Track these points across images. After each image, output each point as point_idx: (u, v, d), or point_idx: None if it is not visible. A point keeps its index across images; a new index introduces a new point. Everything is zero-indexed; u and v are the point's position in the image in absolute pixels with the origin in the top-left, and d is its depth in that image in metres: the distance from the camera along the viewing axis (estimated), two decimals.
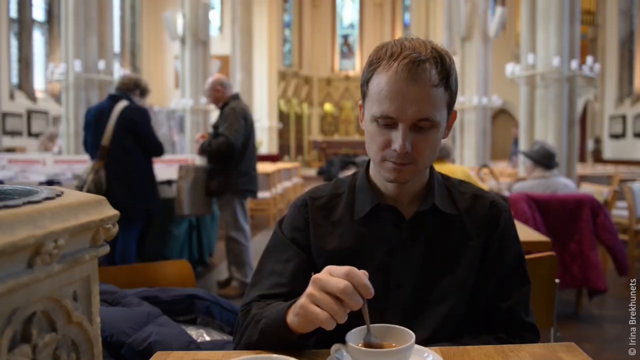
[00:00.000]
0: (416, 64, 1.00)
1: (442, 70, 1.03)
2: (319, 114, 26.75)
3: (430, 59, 1.01)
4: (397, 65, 1.01)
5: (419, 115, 1.02)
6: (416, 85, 1.00)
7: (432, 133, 1.06)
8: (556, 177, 4.37)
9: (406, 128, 1.02)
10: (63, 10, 9.18)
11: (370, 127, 1.09)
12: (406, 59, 1.00)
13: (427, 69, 1.01)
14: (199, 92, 11.95)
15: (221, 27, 23.21)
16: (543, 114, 8.32)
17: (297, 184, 12.03)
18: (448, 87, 1.05)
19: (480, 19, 12.47)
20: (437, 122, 1.05)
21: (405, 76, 1.00)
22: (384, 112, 1.03)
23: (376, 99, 1.04)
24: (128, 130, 4.10)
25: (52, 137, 10.44)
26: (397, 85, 1.01)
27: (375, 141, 1.08)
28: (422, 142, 1.05)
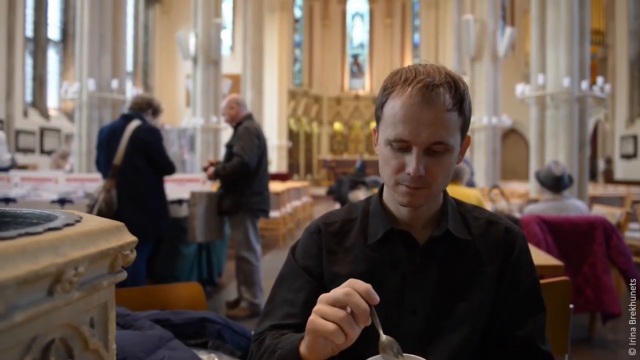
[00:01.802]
0: (430, 89, 1.01)
1: (456, 95, 1.03)
2: (328, 133, 26.85)
3: (444, 84, 1.02)
4: (411, 90, 1.02)
5: (433, 139, 1.02)
6: (430, 109, 1.01)
7: (445, 157, 1.06)
8: (568, 199, 4.34)
9: (420, 152, 1.03)
10: (78, 29, 9.33)
11: (384, 150, 1.09)
12: (420, 83, 1.01)
13: (441, 94, 1.01)
14: (210, 111, 12.04)
15: (232, 47, 23.48)
16: (554, 135, 8.29)
17: (307, 203, 12.02)
18: (462, 112, 1.05)
19: (490, 40, 12.52)
20: (451, 146, 1.05)
21: (419, 100, 1.01)
22: (398, 135, 1.03)
23: (390, 123, 1.05)
24: (140, 149, 4.13)
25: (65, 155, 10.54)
26: (411, 109, 1.01)
27: (389, 165, 1.08)
28: (436, 166, 1.05)
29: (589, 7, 8.66)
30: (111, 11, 9.17)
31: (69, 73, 16.82)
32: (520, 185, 12.73)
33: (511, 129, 19.07)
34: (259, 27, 17.94)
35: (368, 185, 8.55)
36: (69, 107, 15.85)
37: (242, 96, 4.75)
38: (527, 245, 1.19)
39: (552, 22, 8.41)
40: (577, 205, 4.36)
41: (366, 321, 0.86)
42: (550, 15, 8.49)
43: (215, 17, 13.02)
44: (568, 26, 8.22)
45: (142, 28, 22.94)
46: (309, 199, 12.85)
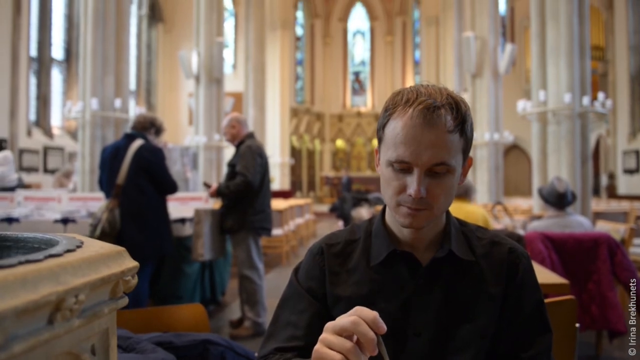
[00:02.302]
0: (431, 110, 1.01)
1: (458, 116, 1.03)
2: (330, 150, 26.91)
3: (445, 105, 1.02)
4: (412, 111, 1.02)
5: (434, 160, 1.02)
6: (431, 130, 1.01)
7: (447, 178, 1.05)
8: (571, 215, 4.32)
9: (421, 173, 1.02)
10: (81, 49, 9.41)
11: (385, 171, 1.09)
12: (421, 104, 1.01)
13: (443, 115, 1.01)
14: (212, 129, 12.08)
15: (235, 65, 23.63)
16: (556, 151, 8.29)
17: (310, 220, 12.01)
18: (463, 133, 1.05)
19: (490, 56, 12.58)
20: (453, 167, 1.05)
21: (420, 121, 1.01)
22: (399, 156, 1.03)
23: (392, 144, 1.05)
24: (143, 169, 4.14)
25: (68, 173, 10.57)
26: (412, 130, 1.01)
27: (390, 186, 1.07)
28: (437, 188, 1.05)
29: (588, 23, 8.71)
30: (114, 31, 9.26)
31: (73, 92, 16.94)
32: (523, 201, 12.70)
33: (513, 144, 19.09)
34: (260, 46, 18.08)
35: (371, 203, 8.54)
36: (73, 125, 15.94)
37: (243, 115, 4.76)
38: (532, 266, 1.18)
39: (552, 38, 8.46)
40: (581, 222, 4.34)
41: (373, 351, 0.84)
42: (550, 31, 8.54)
43: (217, 36, 13.13)
44: (568, 42, 8.26)
45: (145, 47, 23.12)
46: (312, 216, 12.84)
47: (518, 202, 12.27)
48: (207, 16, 13.27)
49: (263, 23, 18.60)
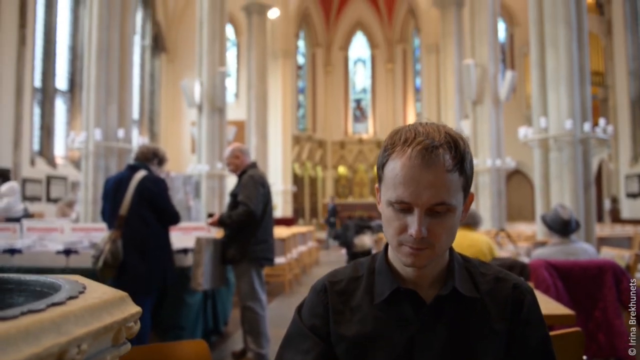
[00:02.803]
0: (430, 150, 1.01)
1: (456, 155, 1.03)
2: (332, 176, 26.97)
3: (443, 145, 1.03)
4: (411, 151, 1.02)
5: (434, 200, 1.02)
6: (430, 171, 1.01)
7: (448, 217, 1.05)
8: (576, 242, 4.29)
9: (422, 213, 1.02)
10: (85, 79, 9.51)
11: (386, 211, 1.09)
12: (420, 145, 1.02)
13: (441, 155, 1.02)
14: (215, 158, 12.13)
15: (237, 94, 23.85)
16: (558, 177, 8.29)
17: (312, 247, 11.96)
18: (463, 171, 1.05)
19: (491, 83, 12.67)
20: (453, 206, 1.05)
21: (419, 162, 1.01)
22: (399, 197, 1.03)
23: (391, 184, 1.05)
24: (145, 200, 4.15)
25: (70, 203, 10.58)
26: (411, 171, 1.02)
27: (391, 225, 1.07)
28: (439, 227, 1.04)
29: (587, 50, 8.79)
30: (118, 62, 9.36)
31: (76, 122, 17.06)
32: (526, 226, 12.64)
33: (515, 169, 19.09)
34: (262, 75, 18.26)
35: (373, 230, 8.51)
36: (76, 155, 16.01)
37: (245, 145, 4.76)
38: (536, 301, 1.17)
39: (552, 65, 8.53)
40: (586, 249, 4.32)
41: None
42: (549, 58, 8.62)
43: (219, 65, 13.27)
44: (568, 69, 8.33)
45: (148, 77, 23.38)
46: (315, 244, 12.79)
47: (521, 227, 12.22)
48: (209, 46, 13.44)
49: (265, 52, 18.81)
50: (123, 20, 9.57)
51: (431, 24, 22.26)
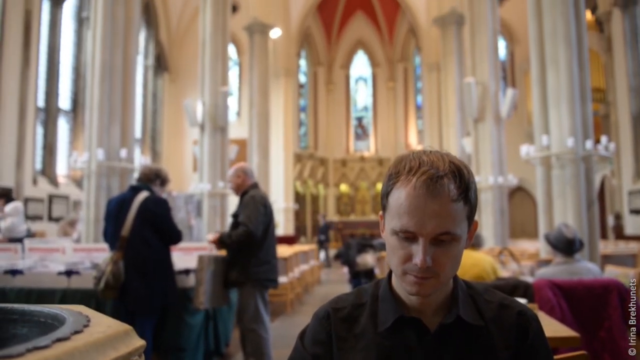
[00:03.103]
0: (434, 180, 1.01)
1: (461, 184, 1.04)
2: (334, 194, 26.97)
3: (448, 174, 1.03)
4: (415, 181, 1.02)
5: (439, 230, 1.02)
6: (435, 200, 1.01)
7: (453, 246, 1.05)
8: (579, 261, 4.27)
9: (426, 242, 1.02)
10: (88, 99, 9.56)
11: (390, 239, 1.09)
12: (424, 175, 1.02)
13: (445, 185, 1.02)
14: (216, 177, 12.14)
15: (239, 112, 23.98)
16: (561, 194, 8.28)
17: (315, 266, 11.92)
18: (467, 200, 1.05)
19: (492, 101, 12.71)
20: (458, 236, 1.05)
21: (423, 192, 1.01)
22: (404, 226, 1.03)
23: (396, 213, 1.05)
24: (147, 221, 4.15)
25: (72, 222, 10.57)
26: (416, 200, 1.02)
27: (396, 254, 1.07)
28: (443, 256, 1.04)
29: (588, 68, 8.84)
30: (121, 82, 9.43)
31: (79, 142, 17.13)
32: (529, 243, 12.60)
33: (518, 186, 19.08)
34: (264, 93, 18.36)
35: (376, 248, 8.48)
36: (78, 174, 16.05)
37: (248, 165, 4.75)
38: (542, 329, 1.17)
39: (553, 83, 8.56)
40: (590, 268, 4.30)
41: None
42: (550, 77, 8.66)
43: (222, 85, 13.36)
44: (568, 87, 8.36)
45: (151, 96, 23.54)
46: (317, 262, 12.75)
47: (525, 245, 12.18)
48: (212, 66, 13.55)
49: (267, 71, 18.94)
50: (126, 41, 9.65)
51: (432, 43, 22.42)
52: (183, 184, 20.80)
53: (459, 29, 18.56)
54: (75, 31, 18.49)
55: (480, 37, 12.94)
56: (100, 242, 7.48)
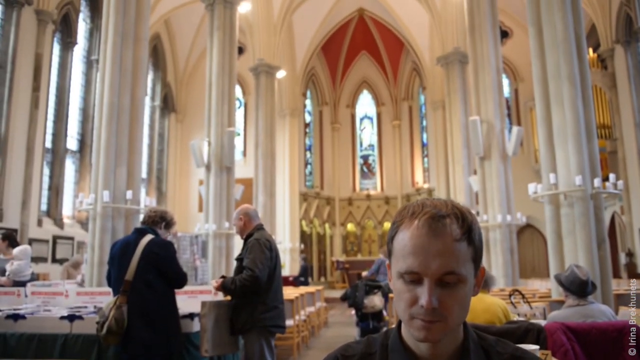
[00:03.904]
0: (437, 219, 1.02)
1: (464, 225, 1.04)
2: (341, 234, 26.85)
3: (450, 215, 1.04)
4: (418, 221, 1.03)
5: (444, 269, 1.01)
6: (438, 239, 1.01)
7: (459, 288, 1.03)
8: (592, 304, 4.17)
9: (432, 283, 1.01)
10: (95, 141, 9.61)
11: (397, 284, 1.07)
12: (427, 214, 1.03)
13: (448, 224, 1.02)
14: (222, 217, 12.11)
15: (244, 152, 24.12)
16: (570, 233, 8.17)
17: (321, 308, 11.74)
18: (471, 241, 1.05)
19: (498, 139, 12.71)
20: (464, 277, 1.03)
21: (426, 231, 1.01)
22: (409, 267, 1.03)
23: (400, 255, 1.05)
24: (152, 264, 4.10)
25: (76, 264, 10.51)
26: (419, 240, 1.02)
27: (402, 298, 1.05)
28: (450, 299, 1.03)
29: (592, 105, 8.84)
30: (128, 124, 9.49)
31: (85, 182, 17.22)
32: (540, 283, 12.41)
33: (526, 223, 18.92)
34: (270, 133, 18.49)
35: (384, 290, 8.36)
36: (83, 215, 16.06)
37: (251, 206, 4.69)
38: None
39: (558, 122, 8.56)
40: (603, 311, 4.19)
41: None
42: (555, 115, 8.66)
43: (228, 126, 13.46)
44: (574, 125, 8.34)
45: (157, 136, 23.76)
46: (324, 304, 12.57)
47: (536, 284, 12.00)
48: (218, 107, 13.69)
49: (272, 111, 19.14)
50: (134, 83, 9.77)
51: (436, 81, 22.67)
52: (188, 224, 20.76)
53: (462, 68, 18.78)
54: (84, 73, 18.83)
55: (483, 75, 13.05)
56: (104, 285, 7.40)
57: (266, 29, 20.12)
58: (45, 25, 16.00)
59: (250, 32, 20.26)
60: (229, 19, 14.72)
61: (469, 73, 14.32)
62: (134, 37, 9.84)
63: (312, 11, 22.76)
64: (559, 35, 8.80)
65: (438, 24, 19.76)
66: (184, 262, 10.02)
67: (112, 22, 9.73)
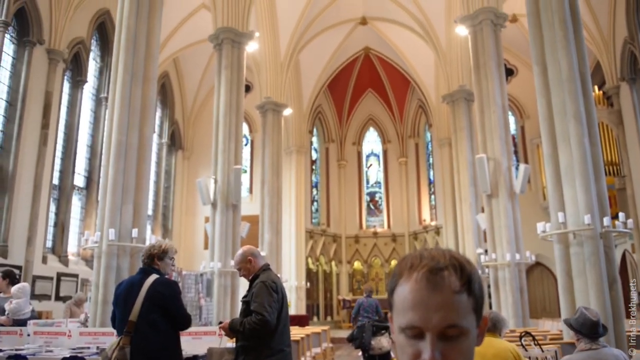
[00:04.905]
0: (435, 272, 1.01)
1: (463, 276, 1.03)
2: (347, 271, 26.58)
3: (449, 267, 1.02)
4: (416, 275, 1.02)
5: (445, 323, 0.99)
6: (437, 292, 1.00)
7: (461, 341, 1.01)
8: (605, 347, 4.05)
9: (434, 337, 0.99)
10: (102, 180, 9.63)
11: (399, 338, 1.04)
12: (425, 267, 1.02)
13: (446, 276, 1.01)
14: (228, 255, 12.03)
15: (250, 189, 24.14)
16: (581, 273, 8.03)
17: (327, 349, 11.52)
18: (471, 292, 1.03)
19: (505, 176, 12.65)
20: (466, 329, 1.01)
21: (425, 284, 1.01)
22: (409, 322, 1.01)
23: (401, 310, 1.03)
24: (156, 305, 4.05)
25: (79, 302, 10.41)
26: (418, 294, 1.01)
27: (404, 353, 1.03)
28: (453, 352, 1.00)
29: (599, 143, 8.81)
30: (135, 162, 9.52)
31: (91, 219, 17.21)
32: (552, 323, 12.16)
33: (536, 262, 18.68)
34: (276, 170, 18.53)
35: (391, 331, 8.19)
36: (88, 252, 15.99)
37: (254, 248, 4.60)
38: None
39: (565, 160, 8.52)
40: (616, 355, 4.06)
41: None
42: (562, 154, 8.62)
43: (234, 163, 13.49)
44: (582, 164, 8.30)
45: (164, 172, 23.86)
46: (330, 345, 12.34)
47: (547, 325, 11.76)
48: (225, 144, 13.76)
49: (279, 148, 19.22)
50: (142, 122, 9.84)
51: (442, 119, 22.78)
52: (194, 262, 20.62)
53: (468, 105, 18.88)
54: (92, 110, 19.06)
55: (489, 113, 13.09)
56: (107, 324, 7.31)
57: (273, 67, 20.38)
58: (56, 64, 16.28)
59: (257, 71, 20.53)
60: (236, 58, 14.93)
61: (475, 111, 14.37)
62: (143, 76, 9.97)
63: (318, 50, 23.11)
64: (564, 73, 8.84)
65: (443, 63, 19.97)
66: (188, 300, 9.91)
67: (122, 61, 9.87)
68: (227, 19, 15.14)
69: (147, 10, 10.29)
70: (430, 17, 19.84)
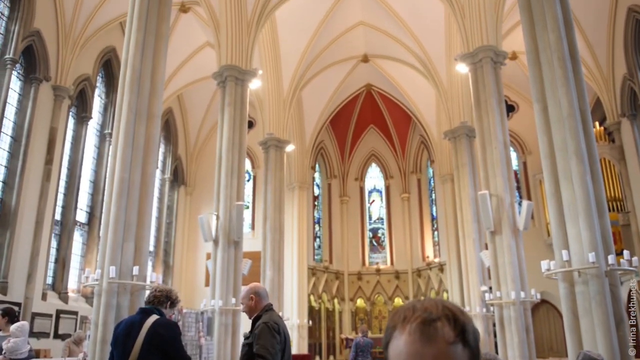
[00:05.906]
0: (428, 324, 1.00)
1: (456, 326, 1.01)
2: (350, 309, 26.20)
3: (442, 317, 1.01)
4: (410, 327, 1.01)
5: None
6: (431, 344, 0.99)
7: None
8: None
9: None
10: (104, 215, 9.59)
11: None
12: (418, 319, 1.01)
13: (440, 328, 1.00)
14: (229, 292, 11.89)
15: (252, 225, 24.04)
16: (587, 312, 7.90)
17: None
18: (466, 343, 1.01)
19: (508, 213, 12.57)
20: None
21: (419, 337, 0.99)
22: None
23: None
24: (156, 346, 3.98)
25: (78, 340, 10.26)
26: (413, 347, 0.99)
27: None
28: None
29: (601, 180, 8.78)
30: (137, 199, 9.49)
31: (92, 255, 17.12)
32: None
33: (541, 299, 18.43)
34: (279, 206, 18.49)
35: None
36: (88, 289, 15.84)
37: (261, 285, 4.57)
38: None
39: (568, 198, 8.48)
40: None
41: None
42: (564, 191, 8.59)
43: (237, 200, 13.47)
44: (584, 201, 8.25)
45: (166, 208, 23.82)
46: None
47: None
48: (227, 180, 13.77)
49: (281, 184, 19.23)
50: (145, 159, 9.84)
51: (444, 155, 22.84)
52: (195, 299, 20.40)
53: (470, 142, 18.94)
54: (96, 146, 19.17)
55: (491, 149, 13.10)
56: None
57: (276, 104, 20.57)
58: (61, 100, 16.46)
59: (260, 107, 20.71)
60: (239, 95, 15.05)
61: (477, 147, 14.40)
62: (147, 113, 10.03)
63: (321, 87, 23.35)
64: (564, 111, 8.88)
65: (444, 99, 20.12)
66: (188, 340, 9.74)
67: (126, 99, 9.94)
68: (231, 56, 15.34)
69: (153, 49, 10.41)
70: (431, 55, 20.08)
